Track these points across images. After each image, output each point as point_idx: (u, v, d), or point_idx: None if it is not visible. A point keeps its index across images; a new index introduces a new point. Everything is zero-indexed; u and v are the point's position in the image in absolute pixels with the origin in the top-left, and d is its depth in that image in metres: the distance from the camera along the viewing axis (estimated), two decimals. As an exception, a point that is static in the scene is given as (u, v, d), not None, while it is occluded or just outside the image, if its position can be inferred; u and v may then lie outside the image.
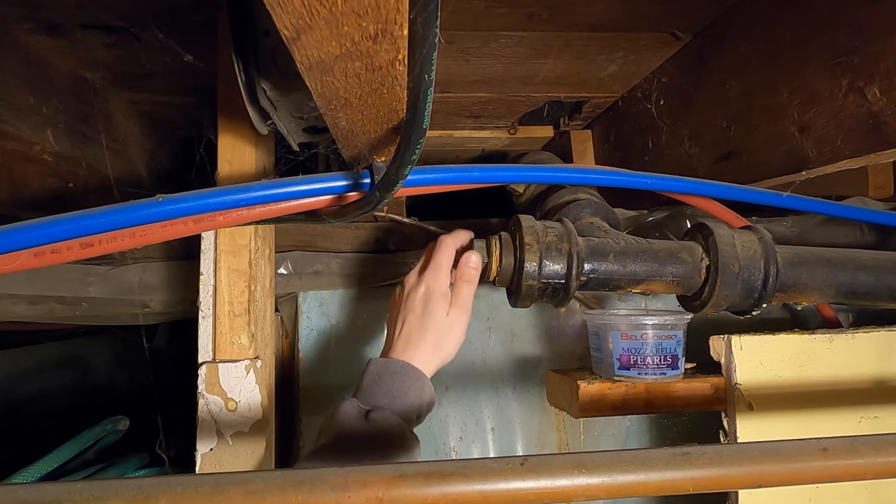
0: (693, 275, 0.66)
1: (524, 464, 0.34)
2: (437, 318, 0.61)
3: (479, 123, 1.21)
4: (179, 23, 0.74)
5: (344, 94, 0.39)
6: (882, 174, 1.07)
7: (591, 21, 0.79)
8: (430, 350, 0.60)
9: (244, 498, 0.31)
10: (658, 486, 0.34)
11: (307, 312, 0.86)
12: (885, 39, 0.56)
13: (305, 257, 0.85)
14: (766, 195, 0.73)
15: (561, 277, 0.63)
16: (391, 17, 0.28)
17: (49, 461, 0.86)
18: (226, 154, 0.71)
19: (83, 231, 0.49)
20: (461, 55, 0.88)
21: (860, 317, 0.92)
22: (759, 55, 0.73)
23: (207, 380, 0.66)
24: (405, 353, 0.60)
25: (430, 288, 0.62)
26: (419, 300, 0.62)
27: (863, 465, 0.36)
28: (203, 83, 0.89)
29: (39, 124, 0.77)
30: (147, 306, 0.84)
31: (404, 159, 0.42)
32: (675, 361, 0.67)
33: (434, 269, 0.64)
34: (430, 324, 0.61)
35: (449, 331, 0.61)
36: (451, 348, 0.62)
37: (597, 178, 0.70)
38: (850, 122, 0.61)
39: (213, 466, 0.66)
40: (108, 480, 0.32)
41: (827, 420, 0.69)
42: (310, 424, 0.84)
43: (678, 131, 0.91)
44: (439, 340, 0.61)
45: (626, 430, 0.89)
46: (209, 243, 0.69)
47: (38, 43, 0.77)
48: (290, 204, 0.56)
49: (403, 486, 0.32)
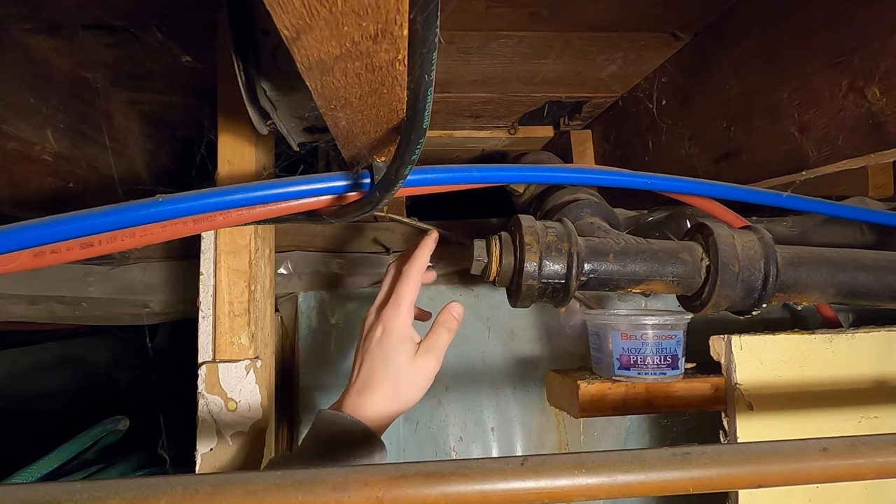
0: (693, 275, 0.66)
1: (524, 464, 0.34)
2: (397, 364, 0.56)
3: (479, 123, 1.21)
4: (179, 23, 0.74)
5: (344, 94, 0.39)
6: (882, 174, 1.07)
7: (591, 21, 0.79)
8: (387, 397, 0.55)
9: (244, 498, 0.31)
10: (658, 486, 0.34)
11: (307, 312, 0.86)
12: (885, 39, 0.56)
13: (305, 257, 0.85)
14: (766, 195, 0.73)
15: (561, 277, 0.63)
16: (391, 17, 0.28)
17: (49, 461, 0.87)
18: (226, 154, 0.71)
19: (83, 231, 0.49)
20: (461, 55, 0.88)
21: (860, 317, 0.92)
22: (759, 55, 0.73)
23: (207, 380, 0.67)
24: (360, 396, 0.56)
25: (388, 330, 0.57)
26: (376, 343, 0.57)
27: (863, 465, 0.36)
28: (203, 83, 0.89)
29: (39, 124, 0.77)
30: (147, 306, 0.84)
31: (404, 159, 0.42)
32: (675, 361, 0.67)
33: (394, 307, 0.58)
34: (389, 369, 0.56)
35: (413, 377, 0.56)
36: (413, 394, 0.56)
37: (597, 178, 0.70)
38: (850, 122, 0.61)
39: (213, 466, 0.66)
40: (108, 480, 0.32)
41: (827, 420, 0.69)
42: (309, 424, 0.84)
43: (678, 131, 0.91)
44: (399, 387, 0.55)
45: (626, 430, 0.89)
46: (209, 243, 0.69)
47: (38, 43, 0.77)
48: (290, 204, 0.56)
49: (404, 486, 0.32)
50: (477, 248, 0.66)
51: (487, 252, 0.66)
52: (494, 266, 0.65)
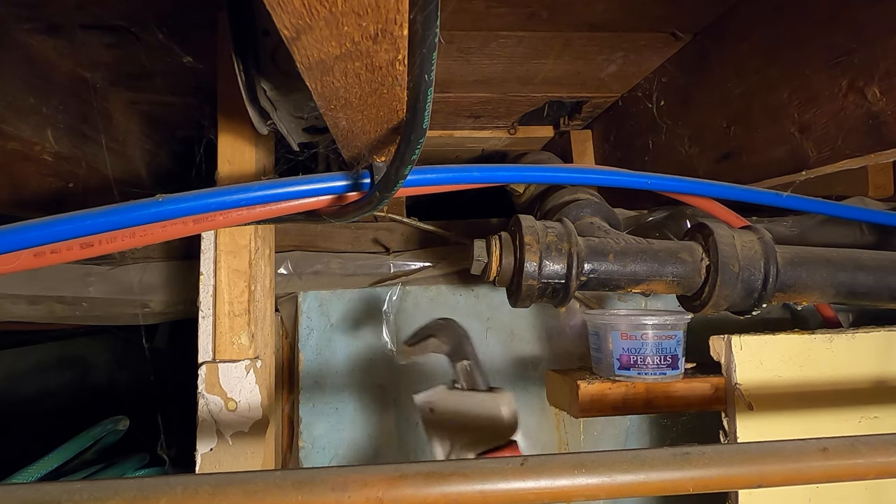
0: (693, 275, 0.66)
1: (524, 464, 0.34)
2: None
3: (479, 123, 1.21)
4: (179, 23, 0.74)
5: (344, 94, 0.39)
6: (882, 174, 1.07)
7: (591, 21, 0.79)
8: None
9: (244, 498, 0.31)
10: (658, 486, 0.34)
11: (307, 312, 0.86)
12: (885, 39, 0.56)
13: (305, 257, 0.85)
14: (766, 195, 0.73)
15: (561, 277, 0.63)
16: (391, 17, 0.28)
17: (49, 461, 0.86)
18: (226, 154, 0.71)
19: (83, 231, 0.49)
20: (461, 55, 0.88)
21: (860, 317, 0.92)
22: (760, 55, 0.73)
23: (207, 380, 0.66)
24: None
25: None
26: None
27: (863, 465, 0.36)
28: (203, 83, 0.88)
29: (39, 124, 0.77)
30: (147, 306, 0.84)
31: (404, 159, 0.42)
32: (675, 361, 0.67)
33: None
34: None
35: None
36: None
37: (597, 178, 0.70)
38: (850, 122, 0.61)
39: (213, 466, 0.66)
40: (108, 480, 0.32)
41: (827, 420, 0.69)
42: (309, 424, 0.84)
43: (678, 131, 0.91)
44: None
45: (626, 430, 0.89)
46: (209, 243, 0.69)
47: (38, 43, 0.77)
48: (290, 204, 0.56)
49: (403, 485, 0.32)
50: (477, 248, 0.66)
51: (487, 252, 0.66)
52: (494, 266, 0.65)
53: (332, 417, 0.84)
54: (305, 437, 0.83)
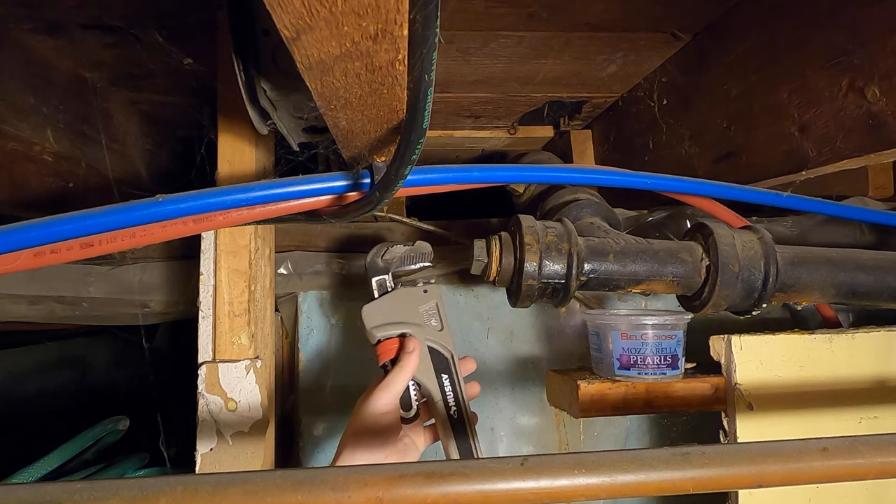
0: (693, 275, 0.66)
1: (524, 464, 0.34)
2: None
3: (479, 123, 1.21)
4: (179, 23, 0.74)
5: (344, 94, 0.39)
6: (882, 174, 1.07)
7: (591, 21, 0.79)
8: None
9: (244, 498, 0.31)
10: (658, 486, 0.34)
11: (307, 312, 0.86)
12: (885, 39, 0.56)
13: (305, 257, 0.85)
14: (766, 195, 0.73)
15: (561, 277, 0.63)
16: (391, 17, 0.28)
17: (49, 461, 0.86)
18: (226, 154, 0.71)
19: (83, 231, 0.49)
20: (461, 55, 0.88)
21: (860, 317, 0.92)
22: (759, 55, 0.73)
23: (207, 380, 0.66)
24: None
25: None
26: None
27: (863, 465, 0.36)
28: (203, 83, 0.88)
29: (39, 124, 0.77)
30: (147, 306, 0.84)
31: (404, 159, 0.42)
32: (675, 361, 0.67)
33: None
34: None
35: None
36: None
37: (597, 178, 0.70)
38: (850, 122, 0.61)
39: (213, 466, 0.66)
40: (108, 480, 0.32)
41: (827, 420, 0.69)
42: (309, 424, 0.84)
43: (678, 131, 0.91)
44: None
45: (626, 430, 0.89)
46: (209, 243, 0.69)
47: (38, 43, 0.77)
48: (290, 204, 0.56)
49: (404, 486, 0.32)
50: (477, 248, 0.66)
51: (487, 252, 0.66)
52: (494, 266, 0.65)
53: (333, 417, 0.84)
54: (305, 437, 0.83)
